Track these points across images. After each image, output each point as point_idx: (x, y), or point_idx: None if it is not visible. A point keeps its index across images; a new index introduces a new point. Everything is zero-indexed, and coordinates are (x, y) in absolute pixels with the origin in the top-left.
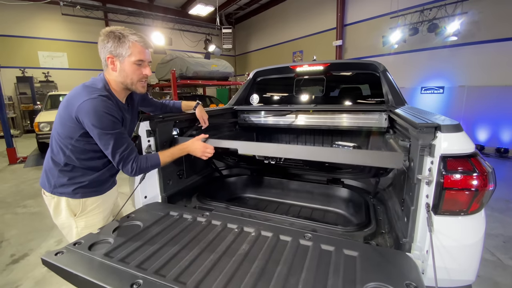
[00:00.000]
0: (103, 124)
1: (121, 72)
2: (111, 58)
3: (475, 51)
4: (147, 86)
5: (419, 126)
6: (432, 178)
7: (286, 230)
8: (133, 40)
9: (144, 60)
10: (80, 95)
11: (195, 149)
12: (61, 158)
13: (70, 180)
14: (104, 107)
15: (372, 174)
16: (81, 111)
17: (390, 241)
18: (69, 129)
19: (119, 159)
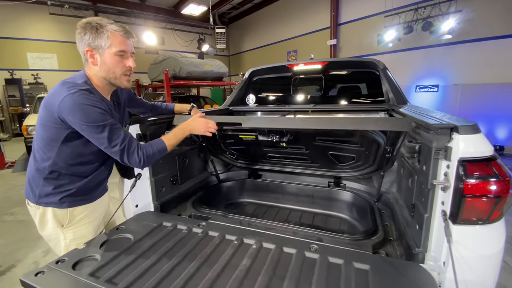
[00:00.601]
0: (91, 117)
1: (102, 66)
2: (90, 51)
3: (469, 49)
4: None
5: (434, 128)
6: (449, 183)
7: (289, 241)
8: (112, 29)
9: (126, 51)
10: (58, 92)
11: (197, 126)
12: (46, 165)
13: (56, 188)
14: (87, 100)
15: (376, 166)
16: (64, 109)
17: (400, 249)
18: (53, 131)
19: (121, 151)
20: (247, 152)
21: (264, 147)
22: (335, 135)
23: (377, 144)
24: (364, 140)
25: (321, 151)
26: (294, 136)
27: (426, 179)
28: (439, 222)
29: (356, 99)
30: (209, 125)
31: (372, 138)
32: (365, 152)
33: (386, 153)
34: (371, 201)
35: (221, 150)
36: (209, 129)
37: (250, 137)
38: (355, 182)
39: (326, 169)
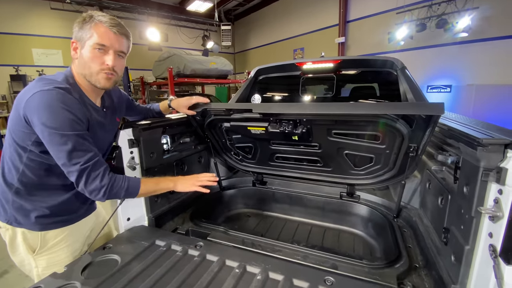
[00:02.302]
0: (58, 121)
1: (80, 59)
2: (74, 43)
3: (485, 48)
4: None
5: (485, 143)
6: (502, 213)
7: (300, 271)
8: (99, 20)
9: (107, 46)
10: (30, 88)
11: (182, 183)
12: (14, 177)
13: (28, 205)
14: (61, 100)
15: (397, 169)
16: (29, 106)
17: (429, 281)
18: (20, 136)
19: (80, 172)
20: (254, 152)
21: (273, 144)
22: (354, 127)
23: (401, 139)
24: (385, 134)
25: (335, 150)
26: (308, 129)
27: (469, 204)
28: (484, 257)
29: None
30: (199, 178)
31: (395, 129)
32: (385, 151)
33: (410, 151)
34: (389, 216)
35: (226, 149)
36: (194, 183)
37: (260, 129)
38: (370, 193)
39: (340, 174)
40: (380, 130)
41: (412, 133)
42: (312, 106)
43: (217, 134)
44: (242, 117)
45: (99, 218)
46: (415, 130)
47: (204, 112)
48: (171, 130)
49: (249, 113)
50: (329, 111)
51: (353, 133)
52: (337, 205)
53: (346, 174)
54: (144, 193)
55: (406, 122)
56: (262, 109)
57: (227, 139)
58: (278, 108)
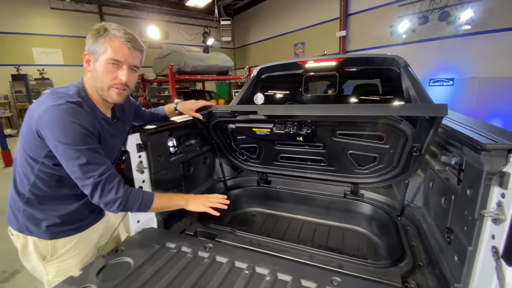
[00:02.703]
0: (70, 136)
1: (93, 73)
2: (87, 55)
3: (488, 40)
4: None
5: (489, 148)
6: (505, 216)
7: (307, 271)
8: (114, 34)
9: (121, 61)
10: (42, 103)
11: (193, 202)
12: (26, 187)
13: (39, 215)
14: (72, 115)
15: (400, 169)
16: (42, 122)
17: (432, 279)
18: (32, 148)
19: (94, 185)
20: (258, 152)
21: (278, 145)
22: (358, 128)
23: (404, 139)
24: (389, 134)
25: (340, 150)
26: (312, 130)
27: (472, 206)
28: (486, 258)
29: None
30: (209, 200)
31: (399, 130)
32: (389, 151)
33: (413, 151)
34: (392, 214)
35: (231, 149)
36: (204, 204)
37: (265, 130)
38: (374, 192)
39: (343, 173)
40: (384, 131)
41: (415, 133)
42: (318, 108)
43: (222, 135)
44: (247, 118)
45: (108, 224)
46: (419, 130)
47: (209, 114)
48: (177, 132)
49: (254, 115)
50: (334, 113)
51: (357, 134)
52: (341, 204)
53: (350, 173)
54: (156, 208)
55: (410, 122)
56: (267, 111)
57: (232, 140)
58: (283, 110)
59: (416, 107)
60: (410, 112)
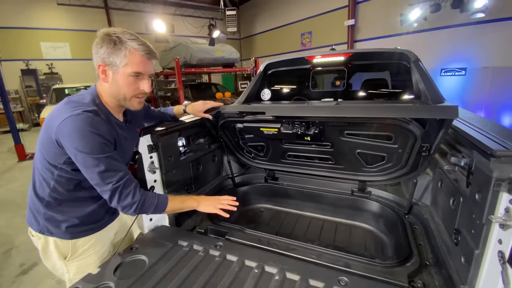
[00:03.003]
0: (89, 146)
1: (113, 84)
2: (102, 66)
3: (503, 28)
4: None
5: (499, 155)
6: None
7: (315, 271)
8: (132, 47)
9: (143, 73)
10: (60, 112)
11: (204, 204)
12: (45, 191)
13: (59, 216)
14: (90, 125)
15: (409, 168)
16: (62, 132)
17: (438, 279)
18: (51, 155)
19: (112, 190)
20: (266, 150)
21: (285, 143)
22: (367, 128)
23: (413, 139)
24: (398, 135)
25: (347, 149)
26: (320, 130)
27: (480, 210)
28: (492, 262)
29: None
30: (220, 202)
31: (409, 131)
32: (398, 150)
33: (422, 151)
34: (400, 212)
35: (239, 147)
36: (215, 206)
37: (273, 130)
38: (381, 189)
39: (351, 171)
40: (392, 131)
41: (425, 134)
42: (325, 109)
43: (230, 134)
44: (255, 119)
45: (122, 221)
46: (428, 131)
47: (217, 113)
48: (186, 132)
49: (262, 115)
50: (342, 115)
51: (366, 134)
52: (349, 201)
53: (357, 171)
54: (170, 210)
55: (419, 123)
56: (275, 112)
57: (240, 138)
58: (291, 111)
59: (426, 109)
60: (420, 114)
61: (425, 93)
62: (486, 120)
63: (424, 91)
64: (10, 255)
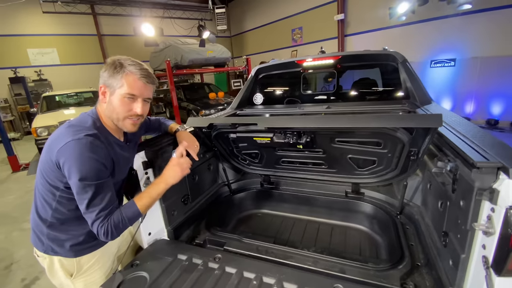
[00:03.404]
0: (86, 172)
1: (109, 105)
2: (103, 88)
3: (489, 18)
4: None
5: (479, 166)
6: (494, 230)
7: (311, 279)
8: (130, 70)
9: (137, 96)
10: (62, 135)
11: (172, 174)
12: (48, 212)
13: (63, 235)
14: (91, 150)
15: (399, 170)
16: (62, 155)
17: (429, 279)
18: (53, 177)
19: (95, 218)
20: (260, 157)
21: (279, 151)
22: (356, 136)
23: (401, 145)
24: (387, 141)
25: (339, 154)
26: (311, 138)
27: (464, 217)
28: (477, 266)
29: (374, 96)
30: (183, 165)
31: (396, 137)
32: (387, 155)
33: (411, 155)
34: (392, 213)
35: (234, 155)
36: (183, 169)
37: (265, 139)
38: (374, 191)
39: (344, 175)
40: (381, 138)
41: (412, 140)
42: (315, 119)
43: (224, 144)
44: (247, 129)
45: (124, 235)
46: (415, 137)
47: (210, 125)
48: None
49: (254, 126)
50: (332, 125)
51: (356, 140)
52: (343, 203)
53: (350, 174)
54: (145, 209)
55: (407, 130)
56: (267, 124)
57: (234, 147)
58: (282, 123)
59: (411, 118)
60: (406, 124)
61: (413, 93)
62: (470, 125)
63: (412, 91)
64: (10, 270)
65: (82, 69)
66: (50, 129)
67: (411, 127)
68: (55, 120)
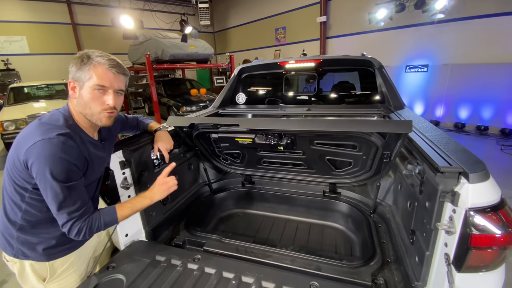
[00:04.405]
0: (56, 173)
1: (79, 100)
2: (72, 83)
3: (460, 27)
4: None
5: (443, 171)
6: (455, 229)
7: (289, 278)
8: (97, 61)
9: (108, 87)
10: (32, 134)
11: (156, 193)
12: (17, 215)
13: (33, 239)
14: (62, 150)
15: (373, 171)
16: (31, 155)
17: (398, 275)
18: (21, 178)
19: (67, 220)
20: (242, 157)
21: (260, 151)
22: (334, 139)
23: (375, 148)
24: (362, 144)
25: (318, 156)
26: (292, 140)
27: (429, 217)
28: (440, 262)
29: (351, 99)
30: (169, 184)
31: (371, 141)
32: (362, 157)
33: (384, 157)
34: (366, 212)
35: (215, 155)
36: (169, 188)
37: (247, 140)
38: (350, 190)
39: (322, 175)
40: (357, 141)
41: (385, 143)
42: (297, 122)
43: (206, 143)
44: (229, 130)
45: (100, 236)
46: (388, 141)
47: (191, 124)
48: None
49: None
50: (311, 128)
51: (333, 143)
52: (321, 202)
53: (328, 175)
54: (123, 219)
55: (380, 134)
56: (249, 125)
57: (215, 147)
58: (264, 124)
59: (384, 124)
60: (379, 129)
61: (388, 98)
62: (438, 130)
63: (387, 96)
64: None
65: (54, 59)
66: (17, 123)
67: (384, 132)
68: (23, 113)
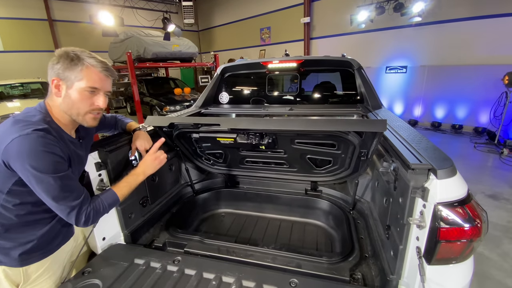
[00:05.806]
0: (43, 166)
1: (66, 99)
2: (56, 81)
3: (436, 30)
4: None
5: (413, 168)
6: (425, 224)
7: (269, 276)
8: (90, 63)
9: (99, 89)
10: (7, 132)
11: (149, 165)
12: None
13: (8, 243)
14: (42, 144)
15: (351, 169)
16: (11, 153)
17: (375, 269)
18: None
19: (70, 210)
20: (224, 157)
21: (242, 151)
22: (314, 138)
23: (353, 147)
24: (341, 143)
25: (299, 155)
26: (273, 139)
27: (402, 212)
28: (413, 255)
29: (333, 99)
30: (160, 158)
31: (348, 140)
32: (341, 155)
33: (361, 156)
34: (346, 209)
35: (197, 155)
36: (161, 162)
37: (229, 140)
38: (331, 188)
39: (304, 173)
40: (335, 140)
41: (362, 142)
42: (277, 122)
43: (187, 143)
44: (210, 129)
45: (78, 240)
46: (365, 139)
47: (171, 124)
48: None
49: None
50: (292, 127)
51: (313, 142)
52: (303, 201)
53: (309, 173)
54: (123, 198)
55: (357, 133)
56: (230, 125)
57: (197, 147)
58: (245, 124)
59: (360, 123)
60: (355, 128)
61: (366, 98)
62: (411, 129)
63: (365, 96)
64: None
65: (29, 57)
66: None
67: (360, 131)
68: None
